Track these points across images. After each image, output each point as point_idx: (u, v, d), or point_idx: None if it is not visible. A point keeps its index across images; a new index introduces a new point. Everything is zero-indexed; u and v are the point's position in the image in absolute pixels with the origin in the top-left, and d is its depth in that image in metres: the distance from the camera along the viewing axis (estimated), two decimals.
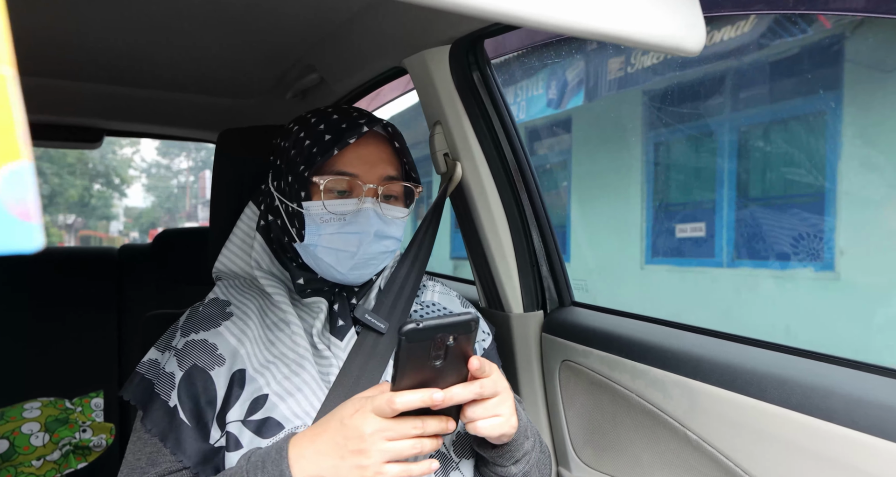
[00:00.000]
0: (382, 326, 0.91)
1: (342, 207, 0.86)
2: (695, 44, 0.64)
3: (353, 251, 0.86)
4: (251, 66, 1.51)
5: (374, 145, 0.90)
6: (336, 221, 0.86)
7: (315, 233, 0.87)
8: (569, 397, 1.20)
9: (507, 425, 0.75)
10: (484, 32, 1.11)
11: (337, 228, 0.86)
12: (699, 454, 0.91)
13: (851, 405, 0.73)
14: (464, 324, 0.67)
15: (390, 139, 0.93)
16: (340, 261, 0.87)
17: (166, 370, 0.85)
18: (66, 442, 1.70)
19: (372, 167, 0.88)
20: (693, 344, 0.98)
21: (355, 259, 0.87)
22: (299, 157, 0.88)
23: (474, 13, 0.52)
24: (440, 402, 0.67)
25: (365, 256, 0.87)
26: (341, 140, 0.86)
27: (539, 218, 1.27)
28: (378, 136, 0.92)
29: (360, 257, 0.87)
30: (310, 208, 0.86)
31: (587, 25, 0.58)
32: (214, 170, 1.11)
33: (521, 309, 1.27)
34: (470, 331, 0.68)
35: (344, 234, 0.86)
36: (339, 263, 0.87)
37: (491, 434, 0.74)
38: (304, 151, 0.88)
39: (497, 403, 0.74)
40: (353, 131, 0.87)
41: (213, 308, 0.91)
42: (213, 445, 0.81)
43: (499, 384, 0.74)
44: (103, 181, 17.18)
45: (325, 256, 0.87)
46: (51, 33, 1.28)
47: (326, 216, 0.86)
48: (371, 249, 0.87)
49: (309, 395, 0.83)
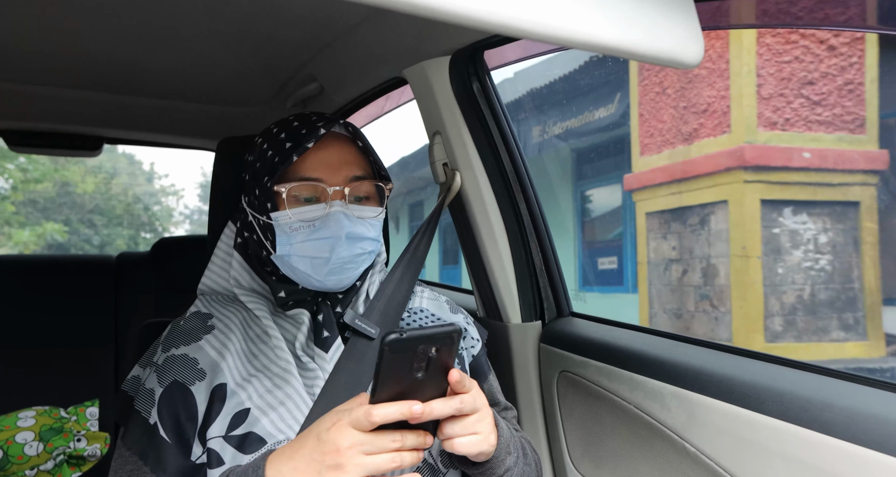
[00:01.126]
0: (373, 331, 0.89)
1: (309, 214, 0.85)
2: (693, 57, 0.65)
3: (327, 257, 0.85)
4: (251, 75, 1.52)
5: (335, 147, 0.89)
6: (306, 229, 0.85)
7: (286, 242, 0.85)
8: (567, 408, 1.19)
9: (485, 443, 0.74)
10: (484, 43, 1.11)
11: (307, 235, 0.85)
12: (697, 466, 0.91)
13: (850, 418, 0.73)
14: (447, 335, 0.66)
15: (353, 139, 0.91)
16: (315, 268, 0.86)
17: (146, 387, 0.83)
18: (60, 451, 1.69)
19: (335, 170, 0.87)
20: (691, 356, 0.98)
21: (330, 264, 0.85)
22: (263, 169, 0.87)
23: (474, 25, 0.52)
24: (419, 415, 0.66)
25: (340, 261, 0.86)
26: (300, 145, 0.85)
27: (538, 228, 1.27)
28: (339, 137, 0.90)
29: (335, 262, 0.85)
30: (278, 218, 0.85)
31: (586, 38, 0.58)
32: (213, 178, 1.11)
33: (519, 319, 1.27)
34: (453, 343, 0.66)
35: (314, 240, 0.85)
36: (315, 270, 0.86)
37: (469, 452, 0.73)
38: (266, 162, 0.87)
39: (476, 421, 0.73)
40: (312, 135, 0.86)
41: (195, 322, 0.90)
42: (195, 461, 0.79)
43: (478, 401, 0.73)
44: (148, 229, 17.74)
45: (299, 264, 0.86)
46: (50, 42, 1.29)
47: (295, 225, 0.85)
48: (345, 252, 0.86)
49: (292, 408, 0.82)
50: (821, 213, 3.71)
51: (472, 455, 0.75)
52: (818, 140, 3.67)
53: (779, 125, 3.85)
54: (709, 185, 4.39)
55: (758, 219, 4.04)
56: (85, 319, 1.85)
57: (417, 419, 0.66)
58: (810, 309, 4.01)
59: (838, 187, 3.66)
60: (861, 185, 3.64)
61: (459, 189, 1.23)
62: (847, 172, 3.59)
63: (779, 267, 4.11)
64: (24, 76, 1.53)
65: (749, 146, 3.98)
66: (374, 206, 0.90)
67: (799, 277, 4.04)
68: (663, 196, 4.90)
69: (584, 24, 0.58)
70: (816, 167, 3.68)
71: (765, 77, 3.88)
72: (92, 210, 14.69)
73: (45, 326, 1.81)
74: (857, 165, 3.58)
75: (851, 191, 3.64)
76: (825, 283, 3.75)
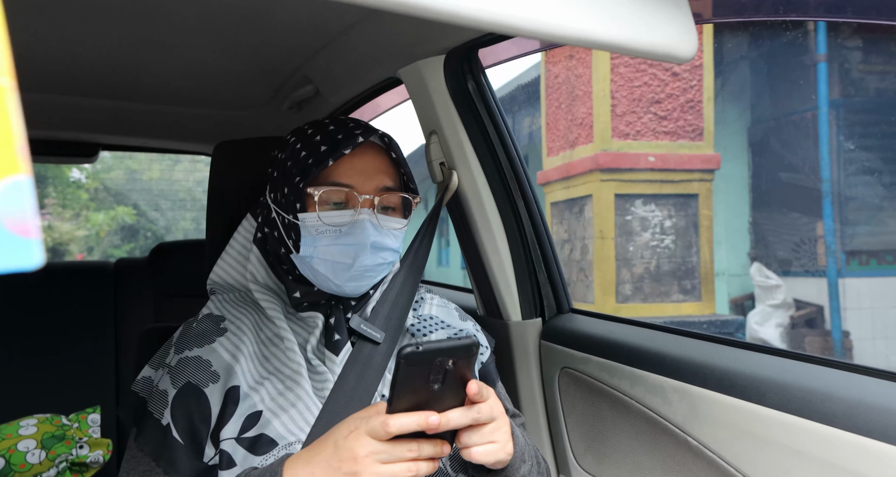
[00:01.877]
0: (378, 335, 0.90)
1: (338, 219, 0.86)
2: (686, 51, 0.65)
3: (350, 263, 0.86)
4: (246, 78, 1.52)
5: (370, 156, 0.90)
6: (332, 233, 0.85)
7: (311, 244, 0.86)
8: (568, 405, 1.19)
9: (502, 452, 0.75)
10: (478, 42, 1.11)
11: (333, 240, 0.85)
12: (699, 460, 0.91)
13: (851, 409, 0.73)
14: (465, 348, 0.66)
15: (387, 150, 0.92)
16: (337, 272, 0.86)
17: (160, 388, 0.84)
18: (62, 459, 1.68)
19: (368, 178, 0.88)
20: (692, 350, 0.98)
21: (352, 271, 0.86)
22: (295, 169, 0.88)
23: (468, 23, 0.52)
24: (436, 426, 0.66)
25: (361, 268, 0.87)
26: (336, 151, 0.86)
27: (535, 225, 1.27)
28: (374, 147, 0.91)
29: (357, 269, 0.86)
30: (305, 220, 0.86)
31: (579, 34, 0.58)
32: (210, 182, 1.11)
33: (519, 317, 1.27)
34: (471, 355, 0.67)
35: (340, 245, 0.85)
36: (336, 275, 0.86)
37: (486, 460, 0.74)
38: (299, 163, 0.88)
39: (493, 429, 0.73)
40: (349, 142, 0.87)
41: (208, 324, 0.90)
42: (207, 463, 0.79)
43: (495, 410, 0.73)
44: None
45: (320, 267, 0.86)
46: (44, 48, 1.29)
47: (322, 228, 0.85)
48: (368, 261, 0.86)
49: (303, 410, 0.82)
50: (666, 204, 5.01)
51: (490, 464, 0.76)
52: (664, 147, 5.00)
53: (630, 136, 5.16)
54: (581, 183, 5.72)
55: (612, 209, 5.35)
56: (84, 326, 1.84)
57: (434, 430, 0.67)
58: (655, 278, 5.28)
59: (680, 183, 4.96)
60: (699, 182, 4.97)
61: (457, 188, 1.23)
62: (688, 172, 4.91)
63: (630, 246, 5.35)
64: (18, 83, 1.52)
65: (603, 153, 5.31)
66: (399, 218, 0.91)
67: (647, 253, 5.29)
68: (559, 190, 6.18)
69: (577, 20, 0.58)
70: (660, 168, 4.95)
71: (619, 99, 5.14)
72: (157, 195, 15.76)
73: (45, 334, 1.80)
74: (696, 166, 4.90)
75: (691, 186, 4.96)
76: (669, 257, 5.06)
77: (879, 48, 4.87)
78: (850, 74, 4.87)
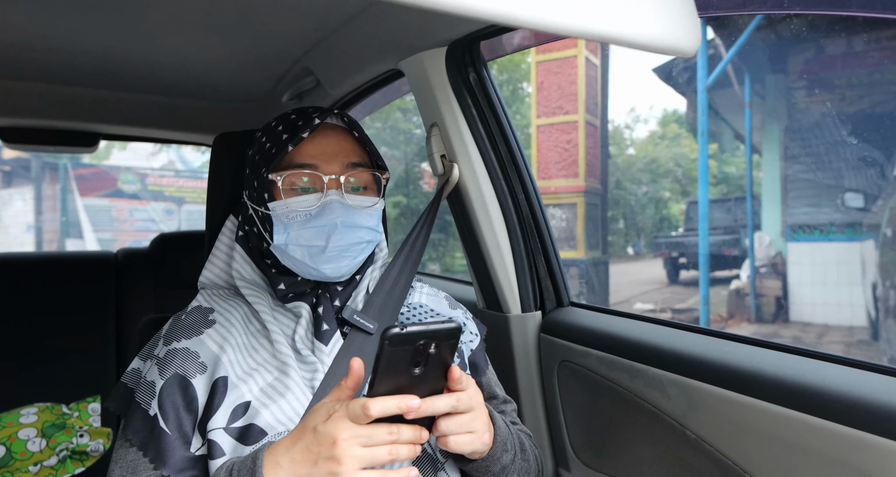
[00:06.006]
0: (371, 326, 0.90)
1: (305, 203, 0.86)
2: (690, 45, 0.64)
3: (324, 245, 0.86)
4: (247, 69, 1.51)
5: (332, 137, 0.90)
6: (302, 217, 0.86)
7: (283, 232, 0.86)
8: (567, 398, 1.20)
9: (478, 442, 0.75)
10: (480, 34, 1.11)
11: (303, 224, 0.86)
12: (698, 453, 0.91)
13: (849, 403, 0.74)
14: (448, 331, 0.66)
15: (349, 129, 0.92)
16: (313, 255, 0.86)
17: (147, 379, 0.84)
18: (63, 447, 1.69)
19: (331, 157, 0.88)
20: (691, 343, 0.98)
21: (327, 252, 0.86)
22: (261, 161, 0.89)
23: (470, 15, 0.52)
24: (416, 410, 0.66)
25: (336, 248, 0.86)
26: (296, 135, 0.86)
27: (536, 218, 1.27)
28: (335, 128, 0.91)
29: (332, 250, 0.86)
30: (275, 208, 0.86)
31: (582, 27, 0.58)
32: (210, 174, 1.11)
33: (518, 310, 1.27)
34: (453, 339, 0.67)
35: (311, 228, 0.86)
36: (312, 258, 0.86)
37: (462, 450, 0.74)
38: (265, 154, 0.89)
39: (471, 419, 0.74)
40: (307, 125, 0.87)
41: (196, 316, 0.91)
42: (195, 453, 0.80)
43: (474, 399, 0.74)
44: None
45: (297, 253, 0.86)
46: (46, 38, 1.28)
47: (291, 214, 0.86)
48: (343, 240, 0.86)
49: (292, 400, 0.83)
50: (562, 208, 8.28)
51: (466, 453, 0.77)
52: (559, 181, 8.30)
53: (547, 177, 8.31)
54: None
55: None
56: (86, 315, 1.85)
57: (413, 415, 0.67)
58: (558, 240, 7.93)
59: (567, 198, 8.21)
60: (577, 196, 8.17)
61: (458, 181, 1.23)
62: (571, 193, 8.17)
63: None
64: (19, 73, 1.52)
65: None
66: (371, 196, 0.91)
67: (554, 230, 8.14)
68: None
69: (579, 12, 0.57)
70: (554, 191, 8.17)
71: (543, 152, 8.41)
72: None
73: (47, 323, 1.81)
74: (574, 190, 8.14)
75: (573, 199, 8.20)
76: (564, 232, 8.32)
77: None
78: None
